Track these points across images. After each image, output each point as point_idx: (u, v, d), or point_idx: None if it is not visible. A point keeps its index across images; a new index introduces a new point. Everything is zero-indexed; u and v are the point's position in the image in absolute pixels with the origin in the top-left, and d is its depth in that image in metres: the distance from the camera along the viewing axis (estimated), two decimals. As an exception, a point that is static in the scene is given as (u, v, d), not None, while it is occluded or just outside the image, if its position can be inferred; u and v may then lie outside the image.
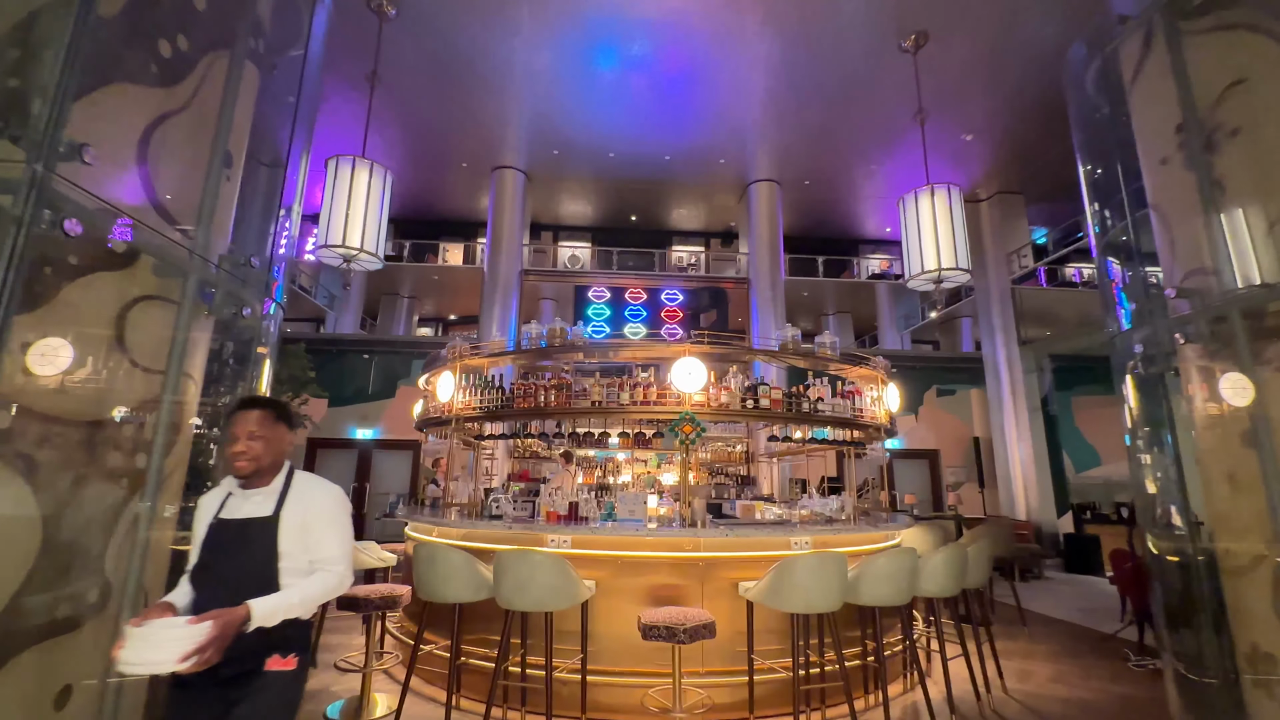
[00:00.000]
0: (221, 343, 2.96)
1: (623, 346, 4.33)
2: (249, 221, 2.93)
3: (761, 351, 4.33)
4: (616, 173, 12.31)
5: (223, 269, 2.52)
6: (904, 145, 11.18)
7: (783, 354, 4.39)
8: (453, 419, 4.63)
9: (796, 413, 4.25)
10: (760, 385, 4.17)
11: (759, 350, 4.30)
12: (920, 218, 7.44)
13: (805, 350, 4.55)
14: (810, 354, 4.48)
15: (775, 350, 4.38)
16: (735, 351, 4.17)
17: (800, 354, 4.43)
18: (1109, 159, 3.77)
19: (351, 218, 6.78)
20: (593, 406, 4.13)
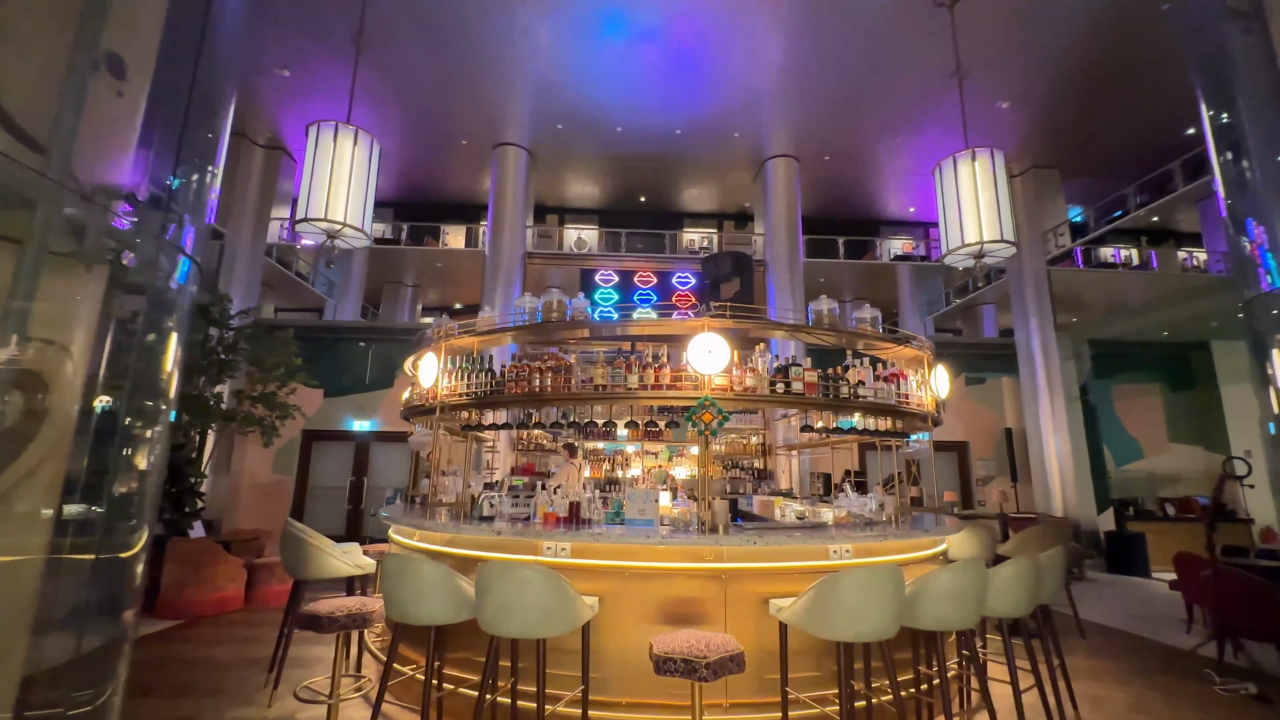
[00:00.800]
0: (136, 312, 2.37)
1: (631, 323, 3.73)
2: (161, 156, 2.33)
3: (792, 327, 3.70)
4: (624, 149, 11.64)
5: (98, 204, 1.92)
6: (933, 114, 10.41)
7: (817, 330, 3.75)
8: (437, 407, 4.05)
9: (834, 398, 3.63)
10: (793, 366, 3.54)
11: (790, 325, 3.68)
12: (960, 186, 6.71)
13: (836, 326, 3.91)
14: (849, 331, 3.85)
15: (808, 326, 3.75)
16: (764, 326, 3.55)
17: (837, 330, 3.79)
18: (1234, 101, 3.05)
19: (334, 190, 6.19)
20: (596, 392, 3.54)
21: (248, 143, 11.20)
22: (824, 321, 3.83)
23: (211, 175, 2.53)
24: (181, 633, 5.44)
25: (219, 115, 2.60)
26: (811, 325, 3.78)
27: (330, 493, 10.55)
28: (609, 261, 11.46)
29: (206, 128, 2.49)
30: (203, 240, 2.53)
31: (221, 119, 2.62)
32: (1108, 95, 10.07)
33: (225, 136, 2.68)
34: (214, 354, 7.32)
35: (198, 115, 2.41)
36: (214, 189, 2.60)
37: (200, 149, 2.46)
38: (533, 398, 3.69)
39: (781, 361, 3.69)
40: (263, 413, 7.54)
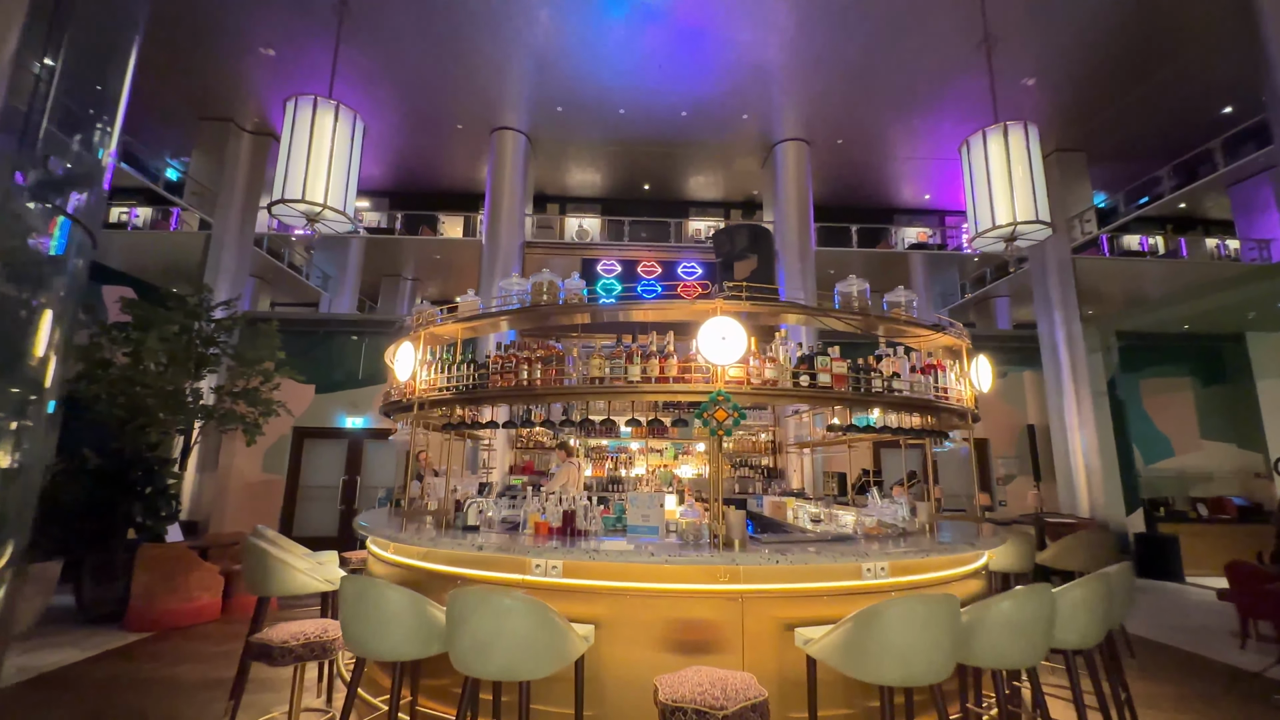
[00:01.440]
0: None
1: (634, 305, 3.26)
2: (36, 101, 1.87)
3: (817, 310, 3.22)
4: (627, 133, 11.14)
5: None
6: (952, 94, 9.86)
7: (845, 314, 3.28)
8: (415, 403, 3.60)
9: (865, 393, 3.15)
10: (819, 355, 3.07)
11: (814, 309, 3.20)
12: (990, 163, 6.20)
13: (868, 311, 3.43)
14: (882, 316, 3.37)
15: (835, 309, 3.28)
16: (785, 310, 3.07)
17: (869, 315, 3.31)
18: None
19: (313, 170, 5.73)
20: (593, 385, 3.07)
21: (234, 128, 10.78)
22: (853, 305, 3.36)
23: (106, 133, 2.07)
24: (148, 647, 5.04)
25: (113, 63, 2.14)
26: (839, 309, 3.31)
27: (322, 492, 10.15)
28: (611, 251, 10.99)
29: (94, 77, 2.04)
30: (98, 207, 2.07)
31: (117, 67, 2.16)
32: (1139, 69, 9.49)
33: (125, 88, 2.23)
34: (191, 347, 6.90)
35: (83, 60, 1.95)
36: (112, 150, 2.15)
37: (91, 99, 2.00)
38: (521, 392, 3.23)
39: (822, 346, 3.21)
40: (245, 410, 7.11)
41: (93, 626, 5.50)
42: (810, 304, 3.07)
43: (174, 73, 9.98)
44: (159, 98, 10.64)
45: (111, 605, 5.72)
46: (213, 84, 10.11)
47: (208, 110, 10.66)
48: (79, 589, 5.80)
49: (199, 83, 10.13)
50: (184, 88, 10.31)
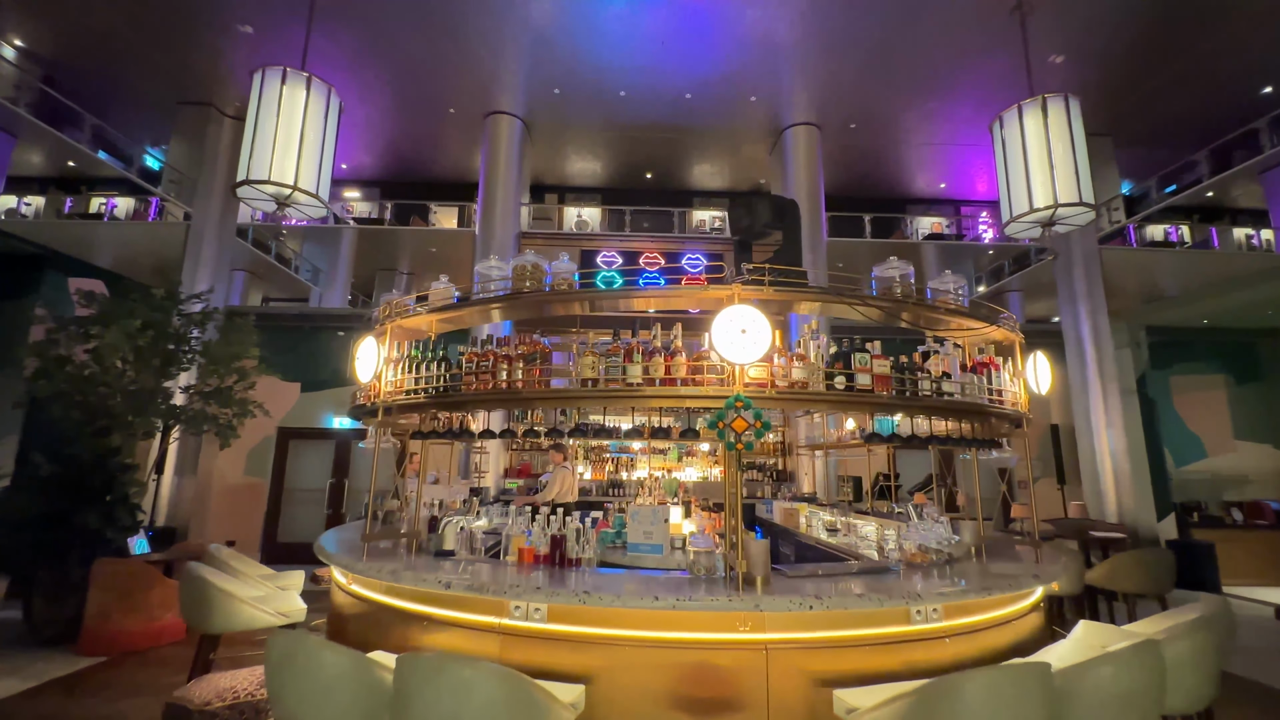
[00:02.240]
0: None
1: (634, 294, 2.74)
2: None
3: (856, 298, 2.69)
4: (628, 117, 10.58)
5: None
6: (973, 75, 9.28)
7: (886, 302, 2.75)
8: (379, 407, 3.09)
9: (911, 396, 2.62)
10: (857, 352, 2.54)
11: (854, 297, 2.67)
12: (1027, 140, 5.64)
13: (912, 298, 2.91)
14: (924, 304, 2.85)
15: (874, 298, 2.75)
16: (817, 297, 2.54)
17: (917, 304, 2.79)
18: None
19: (283, 149, 5.20)
20: (585, 389, 2.55)
21: (215, 113, 10.25)
22: (895, 292, 2.83)
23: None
24: (98, 675, 4.55)
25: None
26: (876, 296, 2.78)
27: (308, 496, 9.67)
28: (612, 242, 10.46)
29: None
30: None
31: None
32: (1172, 46, 8.90)
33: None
34: (159, 343, 6.40)
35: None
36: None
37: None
38: (500, 396, 2.71)
39: (855, 342, 2.69)
40: (217, 411, 6.61)
41: (42, 649, 5.01)
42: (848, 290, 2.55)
43: (151, 54, 9.46)
44: (136, 81, 10.13)
45: (64, 625, 5.23)
46: (191, 66, 9.58)
47: (186, 94, 10.14)
48: (28, 607, 5.31)
49: (177, 64, 9.60)
50: (162, 70, 9.78)
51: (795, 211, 2.67)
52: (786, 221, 2.63)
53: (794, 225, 2.66)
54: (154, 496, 8.73)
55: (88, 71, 9.99)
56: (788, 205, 2.68)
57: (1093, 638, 2.86)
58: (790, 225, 2.64)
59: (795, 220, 2.66)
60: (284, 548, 9.27)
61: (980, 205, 13.74)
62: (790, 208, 2.67)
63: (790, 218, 2.65)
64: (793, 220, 2.65)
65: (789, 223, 2.63)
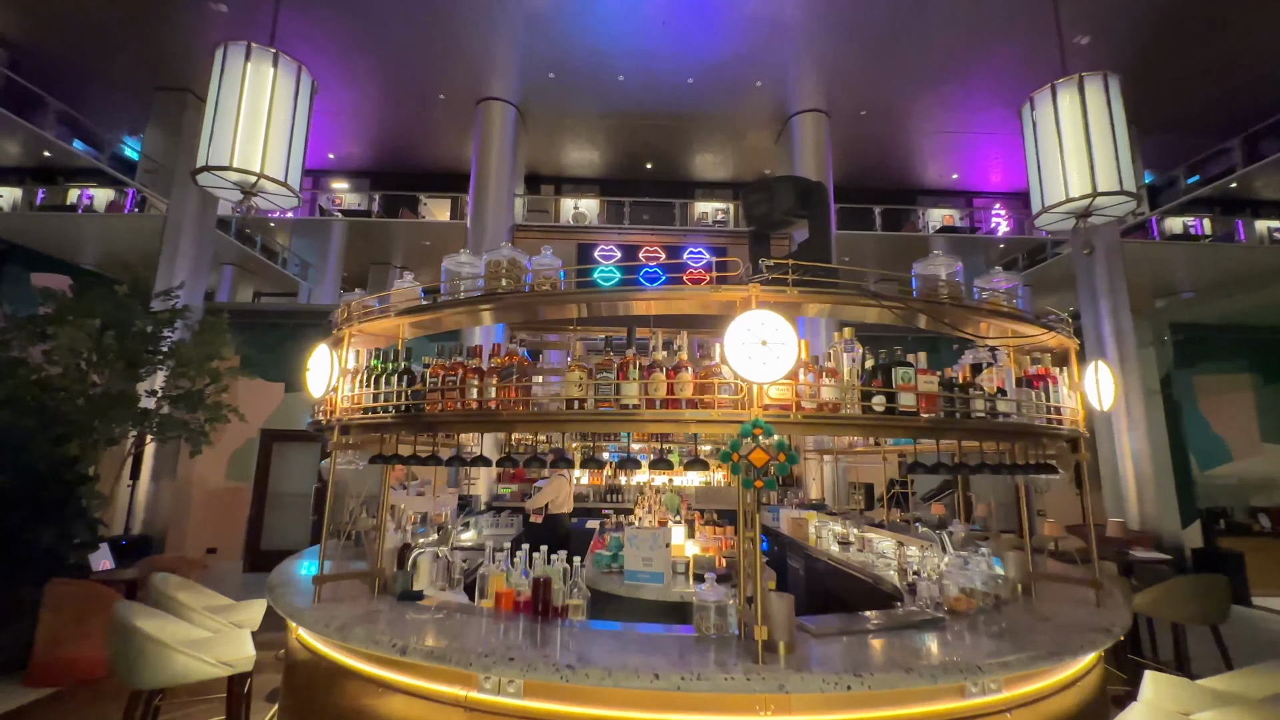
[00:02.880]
0: None
1: (632, 295, 2.29)
2: None
3: (897, 302, 2.25)
4: (627, 104, 10.09)
5: None
6: (994, 55, 8.78)
7: (928, 303, 2.31)
8: (334, 426, 2.66)
9: (963, 418, 2.19)
10: (899, 366, 2.10)
11: (900, 301, 2.22)
12: (1061, 122, 5.16)
13: (962, 300, 2.47)
14: (973, 306, 2.41)
15: (920, 301, 2.31)
16: (852, 300, 2.09)
17: (972, 308, 2.36)
18: None
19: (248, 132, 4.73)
20: (572, 412, 2.11)
21: (193, 99, 9.75)
22: (941, 294, 2.38)
23: None
24: (45, 711, 4.15)
25: None
26: (918, 300, 2.34)
27: (294, 500, 9.26)
28: (610, 235, 9.99)
29: None
30: None
31: None
32: (1203, 28, 8.40)
33: None
34: (124, 343, 5.96)
35: None
36: None
37: None
38: (470, 418, 2.27)
39: (870, 358, 2.24)
40: (187, 416, 6.18)
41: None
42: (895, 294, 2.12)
43: (124, 37, 8.97)
44: (110, 67, 9.64)
45: (17, 651, 4.82)
46: (165, 49, 9.09)
47: (162, 79, 9.64)
48: (-25, 633, 4.89)
49: (151, 48, 9.11)
50: (135, 54, 9.30)
51: (822, 195, 2.23)
52: (813, 207, 2.19)
53: (821, 212, 2.21)
54: (129, 503, 8.34)
55: (59, 57, 9.51)
56: (813, 188, 2.24)
57: (1168, 699, 2.43)
58: (817, 212, 2.20)
59: (823, 206, 2.22)
60: (268, 555, 8.86)
61: (993, 197, 13.25)
62: (816, 191, 2.23)
63: (817, 203, 2.20)
64: (820, 206, 2.21)
65: (816, 209, 2.19)
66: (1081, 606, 2.72)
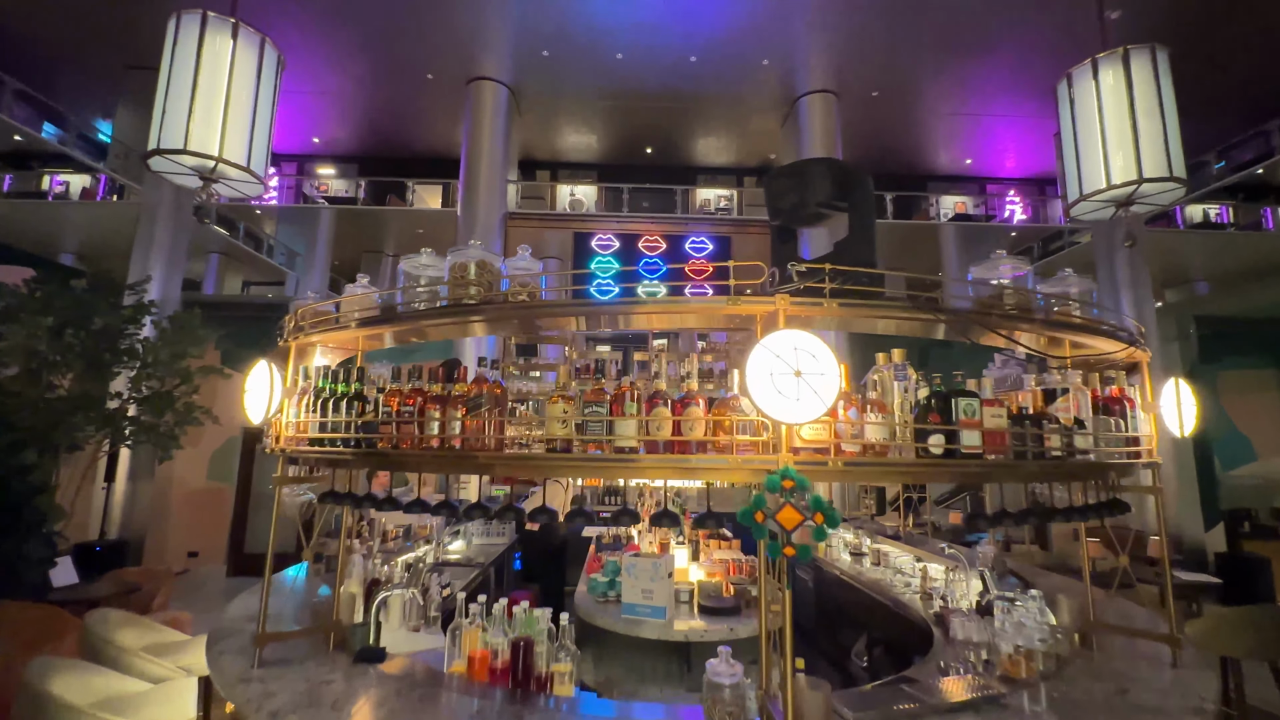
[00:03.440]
0: None
1: (631, 306, 1.85)
2: None
3: (980, 315, 1.82)
4: (626, 84, 9.55)
5: None
6: (1015, 30, 8.24)
7: (985, 315, 1.89)
8: (279, 455, 2.25)
9: (1037, 457, 1.77)
10: (961, 397, 1.68)
11: (986, 313, 1.80)
12: (1103, 100, 4.69)
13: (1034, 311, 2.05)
14: (1085, 323, 2.00)
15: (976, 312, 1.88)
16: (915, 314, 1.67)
17: (1052, 320, 1.94)
18: None
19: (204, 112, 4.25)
20: (552, 456, 1.69)
21: (166, 78, 9.21)
22: (1005, 304, 1.96)
23: None
24: (-14, 752, 3.77)
25: None
26: (980, 311, 1.91)
27: (279, 502, 8.86)
28: (609, 223, 9.51)
29: None
30: None
31: None
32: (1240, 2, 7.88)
33: None
34: (87, 342, 5.54)
35: None
36: None
37: None
38: (430, 456, 1.85)
39: (924, 386, 1.82)
40: (154, 419, 5.77)
41: (-70, 713, 4.23)
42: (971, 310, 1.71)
43: (94, 10, 8.42)
44: (79, 44, 9.08)
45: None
46: (136, 23, 8.53)
47: (132, 57, 9.09)
48: (-81, 660, 4.52)
49: (120, 22, 8.56)
50: (106, 30, 8.75)
51: (865, 184, 1.80)
52: (854, 198, 1.76)
53: (864, 203, 1.78)
54: (105, 507, 7.97)
55: (23, 35, 8.95)
56: (855, 175, 1.80)
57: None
58: (860, 203, 1.77)
59: (866, 196, 1.78)
60: (252, 559, 8.51)
61: (1007, 183, 12.73)
62: (858, 178, 1.79)
63: (860, 192, 1.77)
64: (863, 196, 1.78)
65: (858, 199, 1.75)
66: (1156, 665, 2.33)
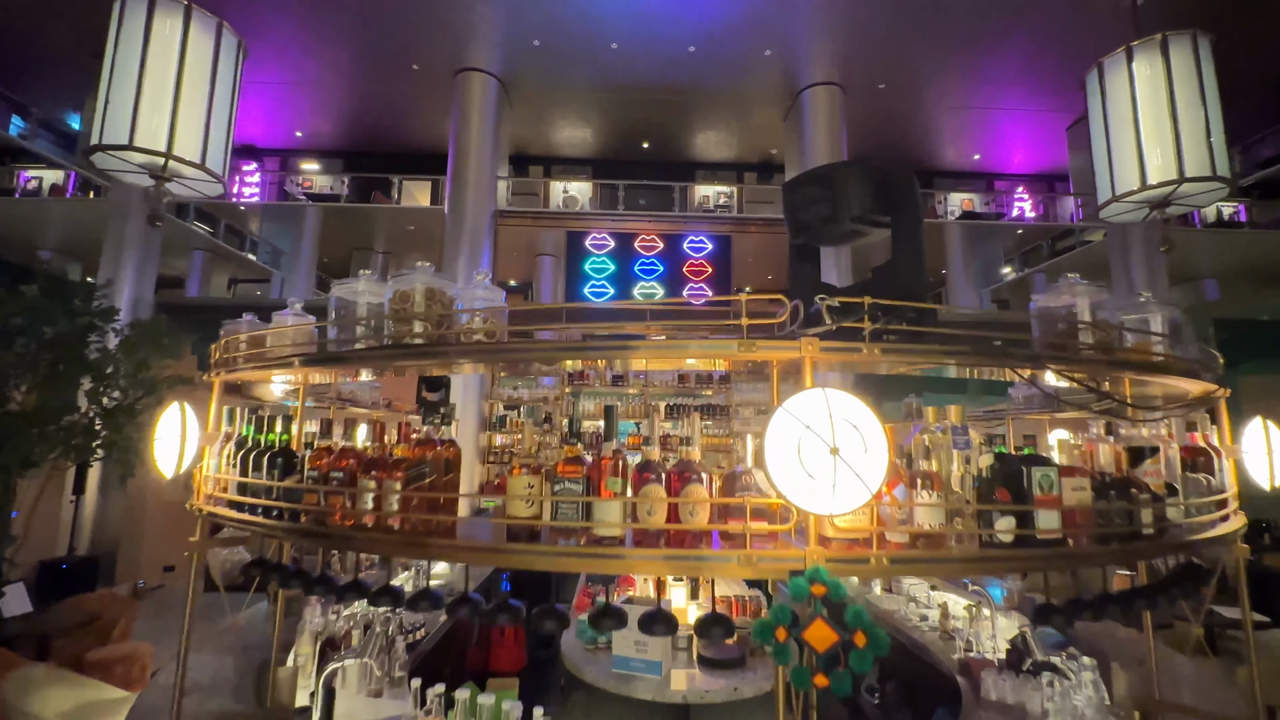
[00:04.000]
0: None
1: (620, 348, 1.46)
2: None
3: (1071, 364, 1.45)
4: (622, 76, 9.12)
5: None
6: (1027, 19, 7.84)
7: (1061, 356, 1.52)
8: (197, 513, 1.88)
9: (1130, 539, 1.40)
10: (1036, 465, 1.31)
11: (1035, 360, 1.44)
12: (1137, 92, 4.30)
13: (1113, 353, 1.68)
14: (1169, 364, 1.63)
15: (1054, 357, 1.51)
16: (977, 362, 1.31)
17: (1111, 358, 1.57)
18: None
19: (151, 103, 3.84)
20: (513, 545, 1.31)
21: (136, 68, 8.75)
22: (1081, 341, 1.60)
23: None
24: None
25: None
26: (1065, 354, 1.55)
27: (259, 514, 8.49)
28: (604, 222, 9.11)
29: None
30: None
31: None
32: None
33: None
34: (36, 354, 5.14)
35: None
36: None
37: None
38: (376, 538, 1.47)
39: (985, 451, 1.45)
40: (114, 436, 5.38)
41: None
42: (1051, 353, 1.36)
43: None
44: (44, 32, 8.62)
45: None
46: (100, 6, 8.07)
47: (100, 46, 8.63)
48: None
49: (86, 7, 8.09)
50: (69, 15, 8.29)
51: (913, 192, 1.42)
52: (900, 210, 1.38)
53: (911, 217, 1.40)
54: (74, 521, 7.59)
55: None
56: (901, 181, 1.42)
57: None
58: (905, 216, 1.39)
59: (913, 208, 1.41)
60: (231, 573, 8.14)
61: (1016, 179, 12.34)
62: (905, 185, 1.41)
63: (908, 202, 1.39)
64: (909, 208, 1.40)
65: (903, 212, 1.38)
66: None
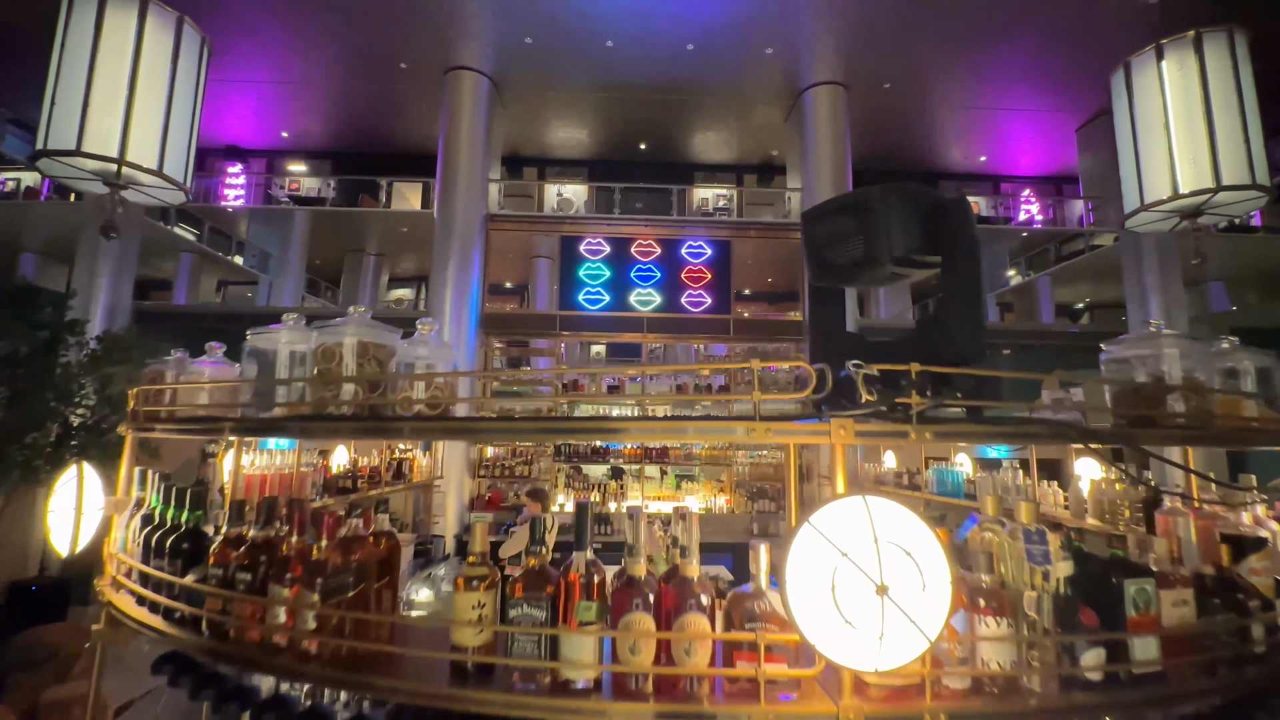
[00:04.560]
0: None
1: (603, 427, 1.15)
2: None
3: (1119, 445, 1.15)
4: (618, 74, 8.82)
5: None
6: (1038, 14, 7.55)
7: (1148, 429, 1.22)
8: (102, 607, 1.57)
9: (1241, 664, 1.10)
10: (1132, 577, 1.01)
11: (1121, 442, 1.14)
12: (1168, 94, 3.99)
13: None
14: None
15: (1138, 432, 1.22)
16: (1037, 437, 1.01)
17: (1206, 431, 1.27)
18: None
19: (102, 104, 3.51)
20: (457, 693, 1.01)
21: (113, 66, 8.43)
22: (1171, 410, 1.30)
23: None
24: None
25: None
26: (1154, 422, 1.25)
27: (241, 529, 8.19)
28: (599, 226, 8.79)
29: None
30: None
31: None
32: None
33: None
34: None
35: None
36: None
37: None
38: (260, 656, 1.17)
39: (1062, 548, 1.15)
40: (77, 458, 5.08)
41: None
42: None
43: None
44: (12, 27, 8.29)
45: None
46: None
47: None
48: None
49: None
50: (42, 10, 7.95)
51: (968, 223, 1.13)
52: (952, 244, 1.09)
53: (967, 253, 1.11)
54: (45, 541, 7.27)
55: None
56: (951, 209, 1.13)
57: None
58: (962, 254, 1.10)
59: (969, 241, 1.12)
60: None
61: (1022, 182, 12.05)
62: (957, 214, 1.12)
63: (961, 238, 1.10)
64: (964, 242, 1.11)
65: (957, 247, 1.09)
66: None
